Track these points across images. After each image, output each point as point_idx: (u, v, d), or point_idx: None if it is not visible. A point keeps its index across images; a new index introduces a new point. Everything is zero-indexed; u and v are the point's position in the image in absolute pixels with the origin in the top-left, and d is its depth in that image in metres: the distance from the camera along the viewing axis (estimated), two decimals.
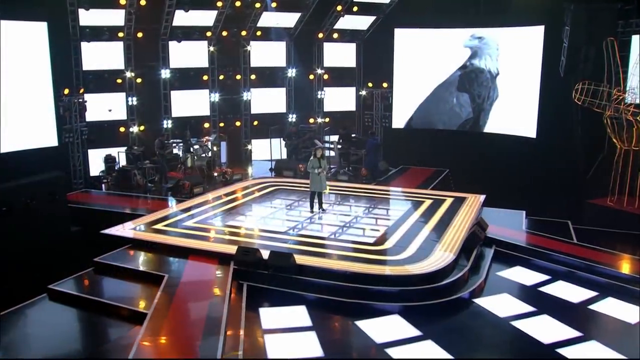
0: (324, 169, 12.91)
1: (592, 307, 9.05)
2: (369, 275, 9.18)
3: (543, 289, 9.79)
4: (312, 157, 13.10)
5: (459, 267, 9.92)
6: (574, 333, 8.03)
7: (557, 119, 16.57)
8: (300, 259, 9.61)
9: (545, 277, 10.22)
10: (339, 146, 18.37)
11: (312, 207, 13.25)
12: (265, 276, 9.45)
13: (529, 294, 9.64)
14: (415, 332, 8.05)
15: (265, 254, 9.65)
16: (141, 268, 9.96)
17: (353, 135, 18.70)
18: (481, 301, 9.15)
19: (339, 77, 22.24)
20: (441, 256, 9.95)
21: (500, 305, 8.99)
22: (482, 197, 14.20)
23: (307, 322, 8.35)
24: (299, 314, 8.57)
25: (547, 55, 17.07)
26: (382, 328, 8.16)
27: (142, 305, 8.56)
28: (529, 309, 8.84)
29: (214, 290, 8.97)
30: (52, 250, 11.36)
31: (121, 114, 18.54)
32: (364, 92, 21.44)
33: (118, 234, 11.32)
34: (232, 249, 9.95)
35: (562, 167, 16.30)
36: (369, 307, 8.70)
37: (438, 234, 11.29)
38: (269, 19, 19.58)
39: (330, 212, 13.48)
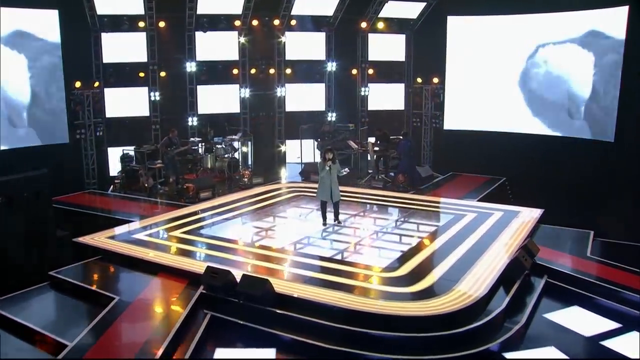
0: (329, 172, 10.75)
1: None
2: (361, 314, 7.00)
3: (607, 342, 7.13)
4: (320, 160, 11.02)
5: (490, 307, 7.50)
6: None
7: None
8: (281, 286, 7.60)
9: (612, 325, 7.55)
10: (376, 148, 16.07)
11: (324, 218, 11.20)
12: (235, 305, 7.51)
13: (585, 348, 7.09)
14: None
15: (239, 277, 7.72)
16: (95, 287, 8.32)
17: (393, 137, 16.31)
18: (515, 356, 6.71)
19: (386, 72, 19.87)
20: (466, 291, 7.58)
21: None
22: (538, 212, 11.56)
23: None
24: None
25: (630, 41, 13.96)
26: None
27: (69, 334, 6.84)
28: None
29: (164, 320, 7.14)
30: (27, 258, 9.98)
31: (143, 110, 17.29)
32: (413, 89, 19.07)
33: (90, 244, 9.84)
34: (203, 269, 8.10)
35: None
36: (356, 358, 6.52)
37: (471, 259, 8.87)
38: (304, 7, 17.70)
39: (347, 225, 11.33)
